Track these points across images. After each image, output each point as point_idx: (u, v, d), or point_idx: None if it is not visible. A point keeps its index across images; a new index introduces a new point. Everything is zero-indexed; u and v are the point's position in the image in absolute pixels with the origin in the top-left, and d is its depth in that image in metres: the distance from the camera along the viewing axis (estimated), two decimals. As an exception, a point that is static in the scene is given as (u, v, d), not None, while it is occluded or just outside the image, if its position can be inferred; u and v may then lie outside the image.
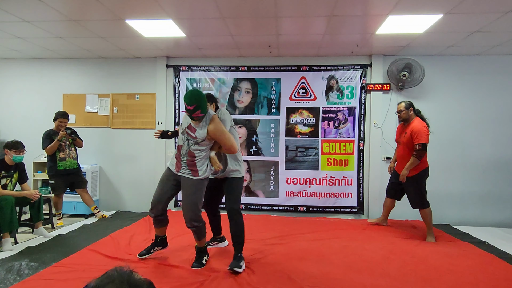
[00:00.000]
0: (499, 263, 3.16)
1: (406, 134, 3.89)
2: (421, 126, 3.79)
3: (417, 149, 3.73)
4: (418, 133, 3.74)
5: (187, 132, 2.84)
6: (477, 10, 3.35)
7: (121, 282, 0.79)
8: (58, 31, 4.19)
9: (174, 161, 2.97)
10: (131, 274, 0.84)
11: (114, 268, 0.85)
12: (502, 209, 4.83)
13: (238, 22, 3.85)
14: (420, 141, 3.73)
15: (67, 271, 2.79)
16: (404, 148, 3.93)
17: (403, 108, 3.94)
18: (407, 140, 3.85)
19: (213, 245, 3.54)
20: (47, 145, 4.38)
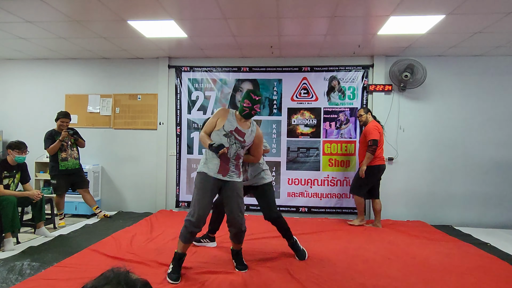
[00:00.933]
0: (501, 265, 3.14)
1: (361, 134, 4.48)
2: (372, 126, 4.32)
3: (369, 145, 4.25)
4: (369, 131, 4.29)
5: (234, 135, 2.72)
6: (480, 11, 3.34)
7: (117, 282, 0.80)
8: (61, 32, 4.20)
9: (216, 166, 2.71)
10: (128, 274, 0.84)
11: (111, 268, 0.85)
12: (504, 210, 4.81)
13: (240, 23, 3.85)
14: (370, 137, 4.25)
15: (68, 271, 2.79)
16: (361, 147, 4.47)
17: (363, 112, 4.49)
18: (363, 139, 4.41)
19: (204, 242, 3.53)
20: (49, 145, 4.39)
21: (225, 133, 2.72)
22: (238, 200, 2.77)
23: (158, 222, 4.47)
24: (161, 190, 5.36)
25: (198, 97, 5.31)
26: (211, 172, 2.72)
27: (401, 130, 4.99)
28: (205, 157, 2.80)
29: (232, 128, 2.74)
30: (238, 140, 2.74)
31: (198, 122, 5.30)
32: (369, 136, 4.26)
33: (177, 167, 5.34)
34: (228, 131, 2.72)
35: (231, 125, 2.75)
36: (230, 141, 2.72)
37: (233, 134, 2.73)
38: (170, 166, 5.37)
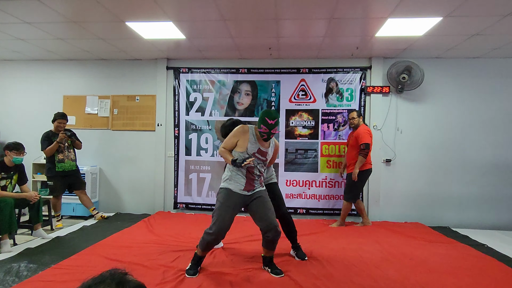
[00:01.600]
0: (498, 266, 3.15)
1: (352, 137, 4.44)
2: (364, 130, 4.37)
3: (362, 148, 4.28)
4: (361, 135, 4.31)
5: (257, 157, 2.77)
6: (477, 13, 3.36)
7: (111, 282, 0.81)
8: (59, 33, 4.20)
9: (242, 183, 2.76)
10: (124, 275, 0.85)
11: (110, 269, 0.86)
12: (502, 211, 4.83)
13: (238, 24, 3.86)
14: (363, 141, 4.27)
15: (66, 273, 2.79)
16: (351, 150, 4.46)
17: (355, 115, 4.48)
18: (354, 143, 4.39)
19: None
20: (46, 146, 4.38)
21: (248, 156, 2.74)
22: (266, 205, 2.81)
23: (156, 224, 4.46)
24: (159, 191, 5.35)
25: (196, 98, 5.31)
26: (236, 189, 2.77)
27: (399, 131, 5.00)
28: (229, 174, 2.82)
29: (255, 151, 2.78)
30: (261, 160, 2.82)
31: (196, 124, 5.30)
32: (361, 139, 4.28)
33: (175, 169, 5.34)
34: (251, 154, 2.76)
35: (253, 147, 2.78)
36: (254, 162, 2.76)
37: (256, 156, 2.77)
38: (168, 167, 5.36)
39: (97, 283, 0.81)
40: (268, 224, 2.73)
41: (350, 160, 4.47)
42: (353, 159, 4.41)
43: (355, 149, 4.37)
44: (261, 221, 2.77)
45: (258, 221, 2.81)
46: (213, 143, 5.27)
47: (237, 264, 3.09)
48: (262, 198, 2.83)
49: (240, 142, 2.78)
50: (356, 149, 4.35)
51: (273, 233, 2.74)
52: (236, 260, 3.20)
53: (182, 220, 4.73)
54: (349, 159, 4.50)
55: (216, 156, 5.26)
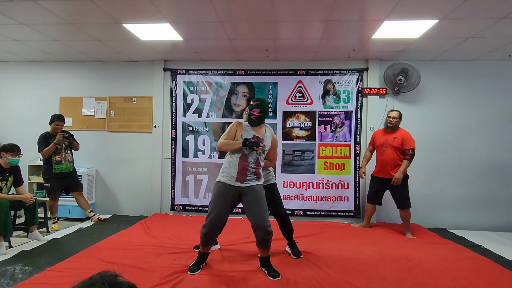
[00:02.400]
0: (494, 267, 3.17)
1: (396, 139, 4.21)
2: (409, 134, 4.23)
3: (410, 153, 4.12)
4: (409, 139, 4.17)
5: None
6: (472, 16, 3.39)
7: (102, 284, 0.81)
8: (55, 34, 4.18)
9: (233, 174, 2.82)
10: (115, 277, 0.85)
11: (100, 272, 0.86)
12: (497, 213, 4.85)
13: (235, 26, 3.86)
14: (412, 146, 4.14)
15: (62, 275, 2.77)
16: (393, 152, 4.22)
17: (397, 116, 4.29)
18: (398, 145, 4.18)
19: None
20: (43, 148, 4.36)
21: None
22: (260, 202, 2.83)
23: (153, 226, 4.44)
24: (156, 193, 5.33)
25: (194, 100, 5.30)
26: (228, 181, 2.84)
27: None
28: (224, 166, 2.92)
29: (250, 136, 2.86)
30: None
31: (193, 125, 5.29)
32: (410, 144, 4.12)
33: (172, 170, 5.33)
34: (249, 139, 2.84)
35: (249, 134, 2.88)
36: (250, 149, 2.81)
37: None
38: (165, 169, 5.35)
39: (88, 286, 0.81)
40: (257, 223, 2.78)
41: (396, 164, 4.18)
42: (394, 161, 4.18)
43: (396, 151, 4.17)
44: (253, 219, 2.81)
45: (250, 218, 2.84)
46: (210, 144, 5.26)
47: (233, 265, 3.09)
48: (258, 196, 2.84)
49: (237, 132, 2.90)
50: (398, 151, 4.16)
51: (262, 232, 2.78)
52: (233, 261, 3.19)
53: (179, 222, 4.71)
54: (394, 163, 4.19)
55: (214, 158, 5.25)
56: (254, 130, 2.92)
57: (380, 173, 4.34)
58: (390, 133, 4.31)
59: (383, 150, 4.30)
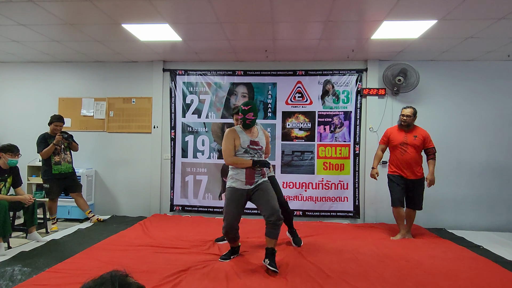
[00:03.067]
0: (494, 267, 3.17)
1: (417, 138, 4.07)
2: (427, 131, 4.14)
3: (434, 152, 4.07)
4: (430, 138, 4.11)
5: (253, 148, 3.07)
6: (471, 16, 3.39)
7: (112, 283, 0.81)
8: (54, 35, 4.18)
9: (242, 179, 3.05)
10: (125, 277, 0.85)
11: (111, 271, 0.86)
12: (497, 213, 4.86)
13: (234, 27, 3.86)
14: (433, 145, 4.10)
15: (60, 276, 2.76)
16: (415, 151, 4.06)
17: (411, 114, 4.09)
18: (420, 144, 4.06)
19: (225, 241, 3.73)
20: (42, 148, 4.35)
21: (244, 150, 3.05)
22: (268, 192, 3.07)
23: (152, 226, 4.44)
24: (155, 194, 5.33)
25: (193, 100, 5.30)
26: (239, 186, 3.07)
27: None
28: (232, 172, 3.12)
29: (248, 143, 3.05)
30: (256, 149, 3.10)
31: (192, 126, 5.29)
32: (431, 142, 4.06)
33: (171, 171, 5.32)
34: (246, 147, 3.05)
35: (245, 141, 3.06)
36: (251, 154, 3.07)
37: (250, 148, 3.06)
38: (164, 170, 5.34)
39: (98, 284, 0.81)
40: (270, 209, 2.96)
41: (419, 163, 4.07)
42: (417, 161, 4.05)
43: (419, 150, 4.06)
44: (264, 207, 3.00)
45: (261, 209, 3.04)
46: (210, 145, 5.26)
47: (234, 266, 3.08)
48: (264, 187, 3.08)
49: (235, 142, 3.05)
50: (420, 150, 4.05)
51: (275, 217, 2.93)
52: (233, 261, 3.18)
53: (178, 222, 4.71)
54: (417, 163, 4.07)
55: (213, 158, 5.25)
56: (247, 133, 3.09)
57: (404, 173, 4.07)
58: (407, 131, 4.10)
59: (404, 150, 4.06)
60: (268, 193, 3.06)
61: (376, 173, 4.25)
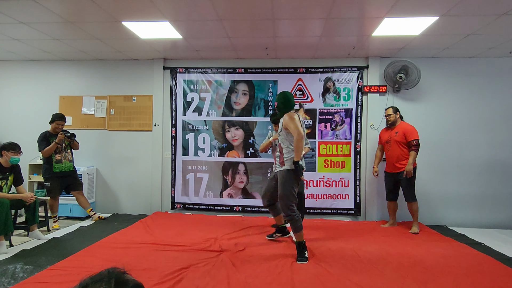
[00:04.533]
0: (495, 265, 3.16)
1: (398, 133, 4.33)
2: (411, 126, 4.33)
3: (415, 144, 4.22)
4: (411, 131, 4.27)
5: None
6: (472, 12, 3.37)
7: (109, 280, 0.81)
8: (55, 33, 4.18)
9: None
10: (123, 274, 0.84)
11: (108, 268, 0.86)
12: (498, 210, 4.85)
13: (235, 24, 3.85)
14: (414, 137, 4.24)
15: (62, 274, 2.77)
16: (397, 146, 4.32)
17: (391, 112, 4.41)
18: (401, 139, 4.28)
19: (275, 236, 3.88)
20: (44, 147, 4.36)
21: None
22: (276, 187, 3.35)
23: (153, 224, 4.44)
24: (156, 192, 5.33)
25: (194, 98, 5.30)
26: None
27: (396, 131, 5.01)
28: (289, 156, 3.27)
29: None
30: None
31: (193, 124, 5.29)
32: (412, 135, 4.22)
33: (172, 169, 5.32)
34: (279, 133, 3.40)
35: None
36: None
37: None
38: (165, 167, 5.35)
39: (95, 281, 0.80)
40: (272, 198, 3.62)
41: (400, 157, 4.28)
42: (403, 156, 4.27)
43: (405, 147, 4.27)
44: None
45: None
46: (210, 143, 5.26)
47: (237, 265, 3.08)
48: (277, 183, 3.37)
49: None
50: (406, 147, 4.26)
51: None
52: (236, 260, 3.18)
53: (179, 220, 4.71)
54: (398, 157, 4.30)
55: (214, 156, 5.25)
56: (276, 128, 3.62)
57: (388, 169, 4.48)
58: (392, 129, 4.43)
59: (388, 147, 4.42)
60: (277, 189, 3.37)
61: (375, 172, 4.62)
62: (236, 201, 5.24)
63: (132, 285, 0.83)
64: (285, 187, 3.20)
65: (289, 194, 3.19)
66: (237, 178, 5.24)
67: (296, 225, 3.24)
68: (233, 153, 5.24)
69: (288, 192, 3.19)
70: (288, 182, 3.20)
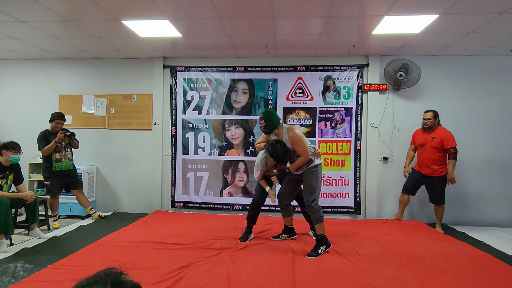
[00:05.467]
0: (495, 263, 3.17)
1: (435, 139, 4.32)
2: (450, 132, 4.34)
3: (453, 152, 4.27)
4: (450, 138, 4.29)
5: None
6: (473, 10, 3.37)
7: (105, 282, 0.80)
8: (54, 32, 4.17)
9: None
10: (119, 275, 0.84)
11: (105, 269, 0.85)
12: (498, 208, 4.85)
13: (235, 23, 3.84)
14: (452, 145, 4.27)
15: (62, 272, 2.77)
16: (433, 151, 4.33)
17: (431, 117, 4.37)
18: (437, 145, 4.30)
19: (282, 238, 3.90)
20: (43, 146, 4.35)
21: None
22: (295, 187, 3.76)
23: (154, 223, 4.45)
24: (157, 190, 5.34)
25: (193, 97, 5.29)
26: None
27: (396, 129, 5.01)
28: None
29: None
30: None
31: (193, 122, 5.28)
32: (450, 143, 4.25)
33: (172, 168, 5.33)
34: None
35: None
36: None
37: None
38: (165, 166, 5.35)
39: (92, 283, 0.80)
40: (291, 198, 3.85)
41: (434, 162, 4.32)
42: (437, 162, 4.32)
43: (440, 152, 4.30)
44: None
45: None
46: (210, 141, 5.26)
47: (237, 264, 3.08)
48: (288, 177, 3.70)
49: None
50: (441, 152, 4.30)
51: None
52: (236, 259, 3.19)
53: (179, 219, 4.71)
54: (432, 161, 4.33)
55: (214, 155, 5.25)
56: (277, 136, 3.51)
57: (422, 170, 4.43)
58: (429, 132, 4.40)
59: (422, 150, 4.42)
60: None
61: (407, 171, 4.63)
62: (236, 199, 5.24)
63: (129, 286, 0.82)
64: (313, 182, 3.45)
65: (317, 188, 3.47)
66: (237, 177, 5.24)
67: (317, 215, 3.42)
68: (233, 152, 5.24)
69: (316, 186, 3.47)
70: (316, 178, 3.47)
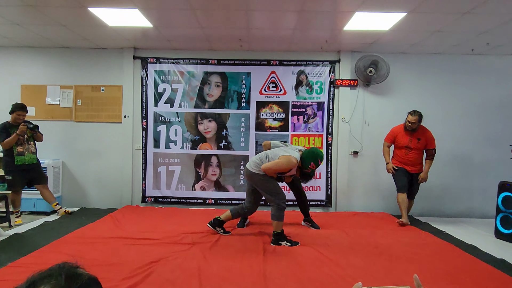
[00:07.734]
0: (455, 252, 3.34)
1: (420, 140, 4.38)
2: (431, 134, 4.44)
3: (433, 153, 4.44)
4: (432, 139, 4.43)
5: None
6: (438, 10, 3.49)
7: (59, 275, 0.76)
8: (14, 17, 3.93)
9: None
10: (74, 268, 0.80)
11: (60, 263, 0.82)
12: (459, 201, 5.12)
13: (207, 14, 3.78)
14: (434, 146, 4.43)
15: (23, 271, 2.63)
16: (420, 152, 4.44)
17: (416, 121, 4.31)
18: (423, 146, 4.41)
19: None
20: (3, 139, 4.12)
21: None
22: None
23: (123, 218, 4.33)
24: (127, 185, 5.20)
25: (165, 89, 5.18)
26: None
27: (366, 124, 5.14)
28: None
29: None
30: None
31: (165, 115, 5.17)
32: (432, 144, 4.41)
33: (143, 162, 5.20)
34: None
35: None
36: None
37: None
38: (135, 160, 5.22)
39: (44, 277, 0.76)
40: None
41: (417, 161, 4.47)
42: (422, 160, 4.48)
43: (420, 152, 4.43)
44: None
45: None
46: (183, 135, 5.17)
47: (209, 258, 3.07)
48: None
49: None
50: (421, 152, 4.42)
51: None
52: (207, 253, 3.17)
53: (150, 214, 4.62)
54: (420, 161, 4.49)
55: (186, 149, 5.18)
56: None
57: (408, 168, 4.47)
58: (412, 133, 4.39)
59: (408, 151, 4.43)
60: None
61: (392, 167, 4.54)
62: (209, 193, 5.21)
63: (85, 279, 0.79)
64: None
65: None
66: (210, 171, 5.20)
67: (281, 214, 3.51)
68: (206, 146, 5.18)
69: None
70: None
